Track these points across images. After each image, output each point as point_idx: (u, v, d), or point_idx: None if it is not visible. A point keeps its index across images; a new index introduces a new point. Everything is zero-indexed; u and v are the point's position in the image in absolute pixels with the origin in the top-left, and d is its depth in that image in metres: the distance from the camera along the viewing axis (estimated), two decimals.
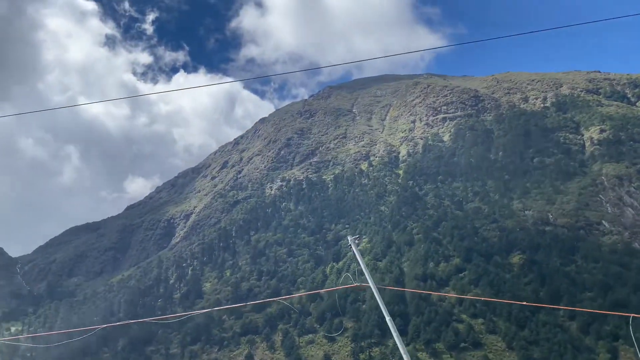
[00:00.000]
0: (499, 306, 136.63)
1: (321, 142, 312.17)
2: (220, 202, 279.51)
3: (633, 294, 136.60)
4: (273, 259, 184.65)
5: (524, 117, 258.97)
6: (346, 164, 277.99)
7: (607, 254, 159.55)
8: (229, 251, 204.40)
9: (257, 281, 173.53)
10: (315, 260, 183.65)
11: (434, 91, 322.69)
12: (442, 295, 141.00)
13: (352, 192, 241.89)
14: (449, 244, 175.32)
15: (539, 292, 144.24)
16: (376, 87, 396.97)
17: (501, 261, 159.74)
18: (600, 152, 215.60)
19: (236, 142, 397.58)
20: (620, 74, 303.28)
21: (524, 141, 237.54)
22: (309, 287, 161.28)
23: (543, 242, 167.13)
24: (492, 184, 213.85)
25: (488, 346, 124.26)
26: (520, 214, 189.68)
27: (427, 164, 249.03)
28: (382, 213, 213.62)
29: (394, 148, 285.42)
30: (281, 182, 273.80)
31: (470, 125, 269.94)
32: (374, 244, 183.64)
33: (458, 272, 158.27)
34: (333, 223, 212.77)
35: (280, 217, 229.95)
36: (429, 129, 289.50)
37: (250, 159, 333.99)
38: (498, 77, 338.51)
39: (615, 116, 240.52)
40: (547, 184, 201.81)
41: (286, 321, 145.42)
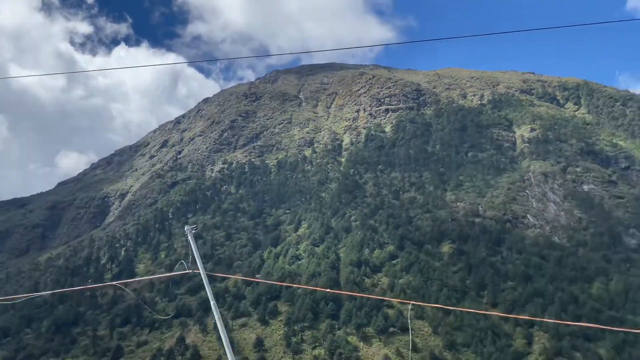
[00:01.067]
0: (427, 292, 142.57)
1: (266, 126, 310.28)
2: (158, 183, 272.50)
3: (550, 284, 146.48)
4: (210, 242, 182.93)
5: (461, 113, 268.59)
6: (290, 150, 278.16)
7: (529, 246, 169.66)
8: (165, 233, 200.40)
9: (193, 264, 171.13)
10: (254, 244, 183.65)
11: (379, 82, 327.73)
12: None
13: (294, 178, 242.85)
14: (385, 231, 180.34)
15: (466, 280, 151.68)
16: (323, 74, 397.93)
17: (432, 250, 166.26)
18: (530, 149, 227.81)
19: (177, 122, 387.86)
20: (552, 76, 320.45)
21: (460, 136, 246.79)
22: (245, 271, 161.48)
23: (472, 232, 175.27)
24: (428, 175, 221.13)
25: (416, 331, 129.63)
26: (452, 205, 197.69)
27: (369, 154, 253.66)
28: (322, 199, 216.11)
29: (338, 136, 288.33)
30: (223, 164, 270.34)
31: (411, 118, 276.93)
32: (312, 229, 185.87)
33: (391, 259, 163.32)
34: (274, 208, 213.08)
35: (220, 200, 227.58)
36: (372, 119, 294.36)
37: (192, 139, 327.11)
38: (440, 73, 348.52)
39: (545, 116, 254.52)
40: (479, 178, 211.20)
41: (220, 304, 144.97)
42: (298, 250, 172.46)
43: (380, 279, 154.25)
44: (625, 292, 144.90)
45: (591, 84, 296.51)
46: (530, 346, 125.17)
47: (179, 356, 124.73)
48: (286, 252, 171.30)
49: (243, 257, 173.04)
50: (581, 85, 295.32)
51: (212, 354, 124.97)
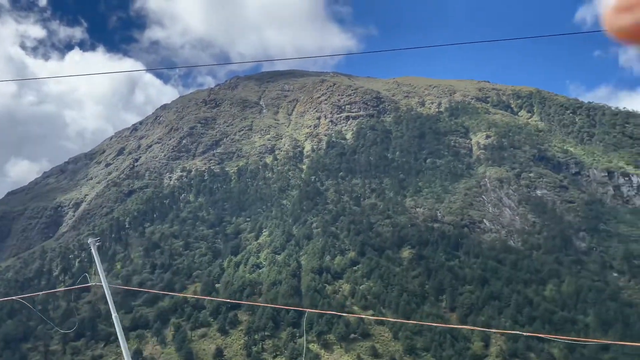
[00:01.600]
0: (388, 298, 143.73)
1: (226, 133, 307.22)
2: (114, 191, 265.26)
3: (506, 287, 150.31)
4: (168, 251, 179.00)
5: (419, 120, 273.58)
6: (251, 157, 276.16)
7: (486, 250, 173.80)
8: (121, 243, 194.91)
9: (150, 274, 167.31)
10: (213, 253, 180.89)
11: (339, 90, 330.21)
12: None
13: (255, 185, 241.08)
14: (346, 238, 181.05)
15: (425, 285, 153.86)
16: (284, 81, 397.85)
17: (392, 255, 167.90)
18: (485, 156, 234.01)
19: (134, 128, 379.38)
20: (506, 85, 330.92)
21: (418, 143, 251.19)
22: (205, 281, 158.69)
23: (431, 238, 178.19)
24: (388, 181, 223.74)
25: (376, 337, 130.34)
26: (412, 211, 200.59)
27: (330, 160, 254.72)
28: (283, 207, 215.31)
29: (299, 143, 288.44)
30: (181, 172, 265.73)
31: (371, 125, 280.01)
32: (273, 237, 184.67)
33: (352, 266, 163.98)
34: (234, 216, 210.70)
35: (179, 208, 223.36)
36: (333, 127, 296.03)
37: (149, 146, 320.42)
38: (399, 81, 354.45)
39: (500, 124, 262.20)
40: (437, 184, 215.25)
41: (179, 315, 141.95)
42: (259, 258, 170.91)
43: (342, 285, 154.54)
44: (576, 294, 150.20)
45: (543, 93, 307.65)
46: (488, 348, 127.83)
47: None
48: (247, 260, 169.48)
49: (202, 266, 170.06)
50: (534, 94, 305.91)
51: None
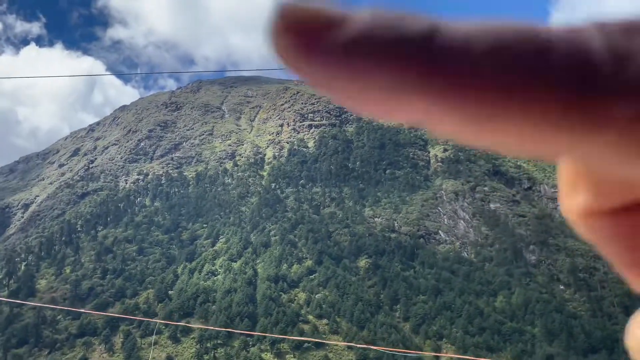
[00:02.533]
0: (343, 307, 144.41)
1: (186, 137, 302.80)
2: (66, 193, 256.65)
3: (458, 298, 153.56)
4: (121, 256, 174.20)
5: (380, 132, 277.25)
6: (210, 162, 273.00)
7: (440, 261, 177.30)
8: (72, 246, 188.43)
9: (101, 279, 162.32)
10: (168, 259, 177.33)
11: (303, 98, 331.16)
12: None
13: (213, 191, 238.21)
14: (304, 246, 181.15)
15: (380, 294, 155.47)
16: (248, 87, 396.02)
17: (349, 264, 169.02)
18: (442, 168, 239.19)
19: (91, 129, 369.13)
20: None
21: (379, 153, 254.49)
22: (158, 287, 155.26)
23: (388, 247, 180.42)
24: (348, 191, 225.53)
25: (330, 346, 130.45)
26: (370, 220, 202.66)
27: (291, 168, 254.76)
28: (242, 214, 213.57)
29: (261, 150, 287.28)
30: (138, 175, 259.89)
31: (333, 135, 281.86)
32: (230, 244, 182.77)
33: (309, 274, 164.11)
34: (190, 222, 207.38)
35: (134, 212, 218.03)
36: (296, 134, 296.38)
37: (106, 148, 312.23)
38: None
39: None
40: (395, 195, 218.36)
41: (129, 322, 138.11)
42: (214, 265, 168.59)
43: (297, 294, 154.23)
44: (525, 305, 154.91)
45: None
46: (439, 358, 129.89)
47: None
48: (202, 267, 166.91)
49: (156, 272, 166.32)
50: None
51: None
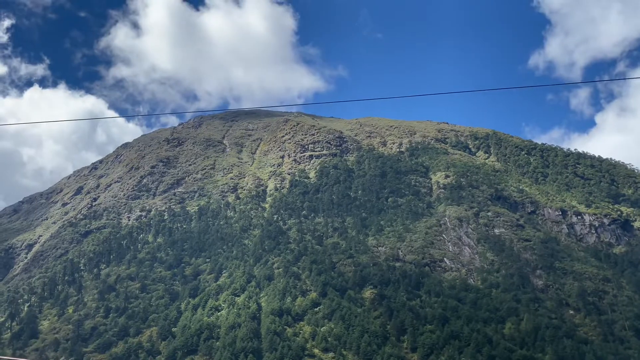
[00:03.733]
0: (349, 340, 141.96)
1: (188, 172, 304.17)
2: (69, 232, 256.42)
3: (466, 326, 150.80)
4: (124, 294, 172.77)
5: (381, 160, 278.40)
6: (212, 196, 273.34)
7: (446, 289, 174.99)
8: (75, 286, 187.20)
9: (104, 318, 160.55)
10: (171, 295, 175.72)
11: (303, 129, 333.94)
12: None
13: (216, 225, 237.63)
14: (307, 278, 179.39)
15: (387, 325, 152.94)
16: (248, 120, 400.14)
17: (354, 295, 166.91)
18: (445, 195, 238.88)
19: (94, 167, 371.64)
20: (464, 126, 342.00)
21: (380, 182, 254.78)
22: (162, 324, 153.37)
23: (393, 277, 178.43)
24: (350, 220, 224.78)
25: None
26: (374, 249, 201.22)
27: (293, 199, 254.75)
28: (245, 247, 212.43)
29: (262, 182, 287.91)
30: (140, 212, 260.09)
31: (334, 164, 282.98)
32: (233, 278, 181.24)
33: (314, 307, 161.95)
34: (193, 257, 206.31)
35: (137, 249, 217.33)
36: (297, 165, 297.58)
37: (109, 185, 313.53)
38: (361, 121, 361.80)
39: (458, 164, 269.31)
40: (398, 223, 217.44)
41: None
42: (218, 300, 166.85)
43: (302, 327, 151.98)
44: (534, 331, 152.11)
45: (499, 134, 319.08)
46: None
47: None
48: (205, 303, 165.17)
49: (159, 309, 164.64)
50: (490, 135, 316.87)
51: None
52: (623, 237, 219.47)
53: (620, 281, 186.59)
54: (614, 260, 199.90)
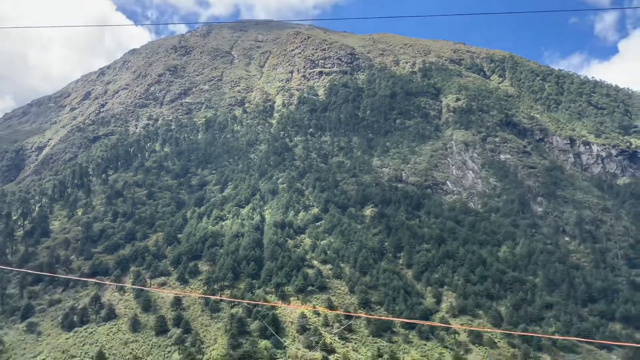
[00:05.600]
0: (347, 253, 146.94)
1: (195, 83, 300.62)
2: (78, 137, 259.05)
3: (462, 247, 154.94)
4: (131, 200, 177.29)
5: (392, 80, 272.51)
6: (220, 108, 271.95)
7: (446, 211, 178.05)
8: (84, 189, 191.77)
9: (112, 222, 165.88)
10: (177, 204, 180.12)
11: (314, 44, 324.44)
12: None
13: (222, 138, 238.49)
14: (311, 194, 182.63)
15: (385, 242, 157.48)
16: (258, 31, 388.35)
17: (355, 212, 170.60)
18: (453, 118, 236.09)
19: (102, 73, 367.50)
20: (480, 48, 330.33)
21: (389, 102, 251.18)
22: (167, 230, 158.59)
23: (394, 197, 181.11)
24: (356, 140, 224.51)
25: (333, 290, 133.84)
26: (378, 170, 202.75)
27: (300, 116, 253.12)
28: (250, 161, 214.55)
29: (270, 97, 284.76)
30: (148, 120, 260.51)
31: (344, 83, 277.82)
32: (238, 190, 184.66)
33: (315, 221, 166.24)
34: (199, 167, 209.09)
35: (144, 157, 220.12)
36: (306, 82, 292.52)
37: (116, 92, 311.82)
38: (375, 37, 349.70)
39: (471, 87, 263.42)
40: (404, 145, 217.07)
41: (139, 263, 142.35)
42: (222, 211, 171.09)
43: (303, 240, 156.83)
44: (528, 256, 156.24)
45: (516, 58, 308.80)
46: (439, 304, 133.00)
47: (94, 314, 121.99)
48: (210, 212, 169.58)
49: (165, 216, 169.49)
50: (507, 58, 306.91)
51: (128, 312, 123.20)
52: (629, 169, 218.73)
53: (620, 212, 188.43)
54: (617, 191, 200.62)
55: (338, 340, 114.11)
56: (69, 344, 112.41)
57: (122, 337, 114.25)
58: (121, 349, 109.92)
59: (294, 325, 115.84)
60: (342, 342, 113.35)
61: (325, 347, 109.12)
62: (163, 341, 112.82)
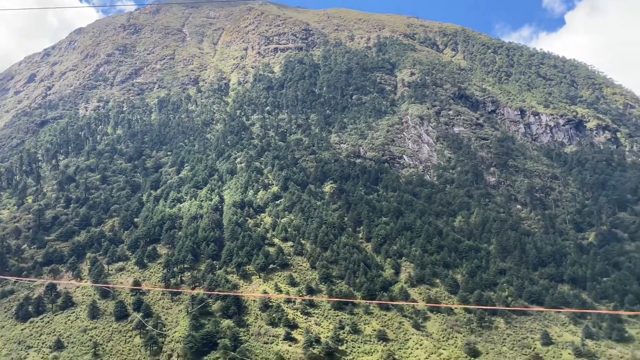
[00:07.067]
0: (307, 230, 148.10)
1: (146, 62, 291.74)
2: (24, 121, 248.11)
3: (419, 219, 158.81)
4: (84, 185, 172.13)
5: (347, 55, 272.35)
6: (173, 88, 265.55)
7: (403, 184, 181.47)
8: (33, 176, 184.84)
9: (65, 208, 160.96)
10: (132, 187, 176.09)
11: (267, 19, 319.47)
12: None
13: (177, 118, 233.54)
14: (269, 173, 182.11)
15: (344, 217, 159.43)
16: (210, 7, 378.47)
17: (314, 189, 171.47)
18: (409, 93, 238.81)
19: (46, 54, 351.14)
20: (433, 22, 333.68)
21: (346, 78, 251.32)
22: (123, 215, 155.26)
23: (353, 172, 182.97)
24: (314, 117, 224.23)
25: (294, 266, 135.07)
26: (336, 146, 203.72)
27: (256, 94, 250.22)
28: (207, 141, 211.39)
29: (225, 75, 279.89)
30: (98, 102, 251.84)
31: (300, 59, 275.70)
32: (195, 171, 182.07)
33: (275, 200, 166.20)
34: (154, 149, 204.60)
35: (95, 140, 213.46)
36: (261, 59, 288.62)
37: (63, 73, 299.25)
38: (329, 13, 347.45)
39: (425, 61, 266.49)
40: (361, 120, 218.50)
41: (95, 249, 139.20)
42: (180, 193, 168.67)
43: (263, 218, 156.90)
44: (482, 224, 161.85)
45: (468, 31, 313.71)
46: (398, 275, 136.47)
47: (50, 304, 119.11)
48: (167, 194, 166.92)
49: (121, 200, 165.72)
50: (459, 32, 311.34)
51: (86, 299, 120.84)
52: (575, 137, 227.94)
53: (567, 179, 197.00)
54: (564, 159, 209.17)
55: (300, 315, 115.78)
56: (24, 335, 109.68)
57: (81, 324, 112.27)
58: (80, 337, 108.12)
59: (256, 304, 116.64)
60: (305, 317, 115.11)
61: (288, 323, 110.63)
62: (124, 326, 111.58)
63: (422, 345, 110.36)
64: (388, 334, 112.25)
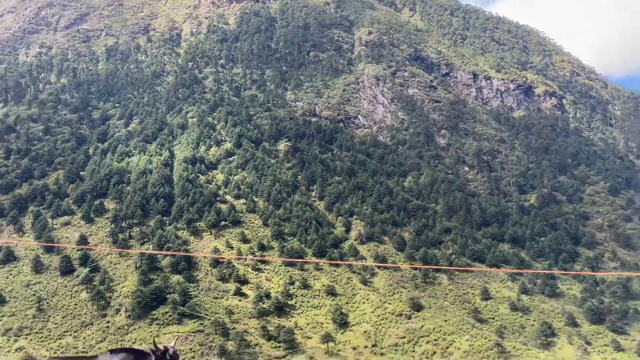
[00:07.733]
0: (261, 188, 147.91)
1: (92, 7, 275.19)
2: None
3: (371, 178, 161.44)
4: (25, 136, 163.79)
5: (305, 10, 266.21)
6: (121, 36, 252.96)
7: (357, 144, 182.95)
8: None
9: (5, 160, 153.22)
10: (78, 139, 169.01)
11: None
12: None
13: (125, 68, 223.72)
14: (223, 129, 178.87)
15: (298, 175, 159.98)
16: None
17: (269, 147, 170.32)
18: (366, 52, 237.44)
19: None
20: None
21: (303, 34, 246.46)
22: (69, 168, 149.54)
23: (308, 131, 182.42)
24: (270, 73, 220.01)
25: (246, 224, 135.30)
26: (291, 104, 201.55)
27: (210, 46, 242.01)
28: (157, 93, 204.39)
29: (177, 24, 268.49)
30: (40, 48, 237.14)
31: (256, 11, 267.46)
32: (145, 125, 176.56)
33: (228, 156, 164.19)
34: (101, 101, 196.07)
35: (38, 89, 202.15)
36: (215, 9, 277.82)
37: (1, 16, 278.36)
38: None
39: (383, 20, 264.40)
40: (318, 78, 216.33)
41: (38, 203, 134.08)
42: (128, 147, 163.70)
43: (216, 175, 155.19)
44: (431, 185, 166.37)
45: None
46: (349, 233, 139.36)
47: None
48: (114, 148, 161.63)
49: (66, 152, 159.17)
50: None
51: (29, 254, 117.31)
52: (524, 102, 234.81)
53: (514, 142, 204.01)
54: (512, 124, 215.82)
55: (251, 271, 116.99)
56: None
57: (24, 279, 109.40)
58: (23, 292, 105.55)
59: (207, 260, 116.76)
60: (256, 273, 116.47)
61: (239, 279, 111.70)
62: (69, 281, 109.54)
63: (368, 300, 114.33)
64: (337, 289, 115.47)
